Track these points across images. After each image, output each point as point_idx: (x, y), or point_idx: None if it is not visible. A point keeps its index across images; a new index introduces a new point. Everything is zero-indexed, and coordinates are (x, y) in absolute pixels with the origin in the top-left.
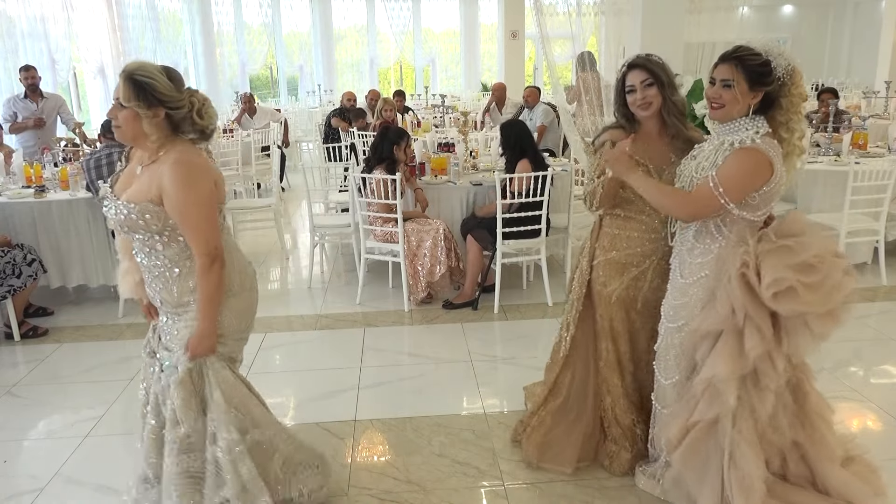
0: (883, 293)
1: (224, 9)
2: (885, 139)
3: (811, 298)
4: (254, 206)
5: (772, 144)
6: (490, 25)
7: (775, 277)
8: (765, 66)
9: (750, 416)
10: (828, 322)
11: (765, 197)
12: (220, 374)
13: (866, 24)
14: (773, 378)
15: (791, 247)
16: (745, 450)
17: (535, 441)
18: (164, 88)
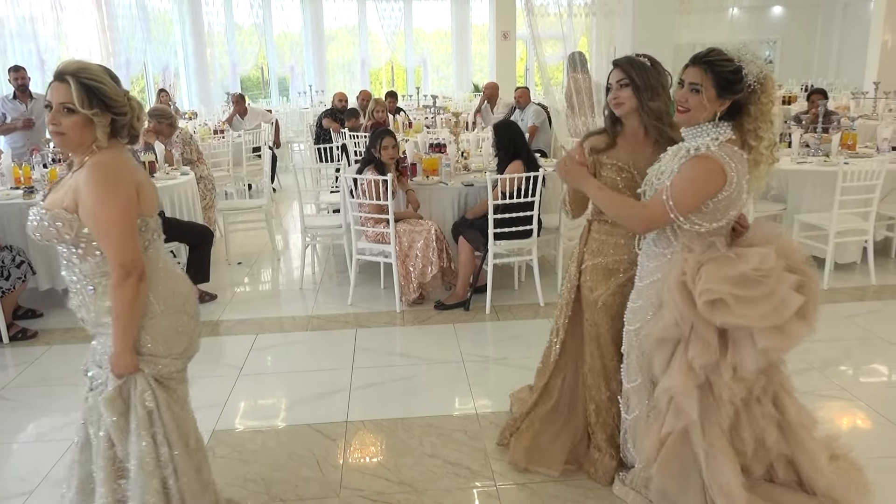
0: (872, 292)
1: (215, 9)
2: (873, 140)
3: (747, 312)
4: (245, 207)
5: (731, 152)
6: (481, 26)
7: (706, 287)
8: (735, 74)
9: (718, 425)
10: (774, 337)
11: (720, 205)
12: (142, 396)
13: (855, 25)
14: (724, 389)
15: (731, 258)
16: (718, 459)
17: (523, 445)
18: (113, 92)
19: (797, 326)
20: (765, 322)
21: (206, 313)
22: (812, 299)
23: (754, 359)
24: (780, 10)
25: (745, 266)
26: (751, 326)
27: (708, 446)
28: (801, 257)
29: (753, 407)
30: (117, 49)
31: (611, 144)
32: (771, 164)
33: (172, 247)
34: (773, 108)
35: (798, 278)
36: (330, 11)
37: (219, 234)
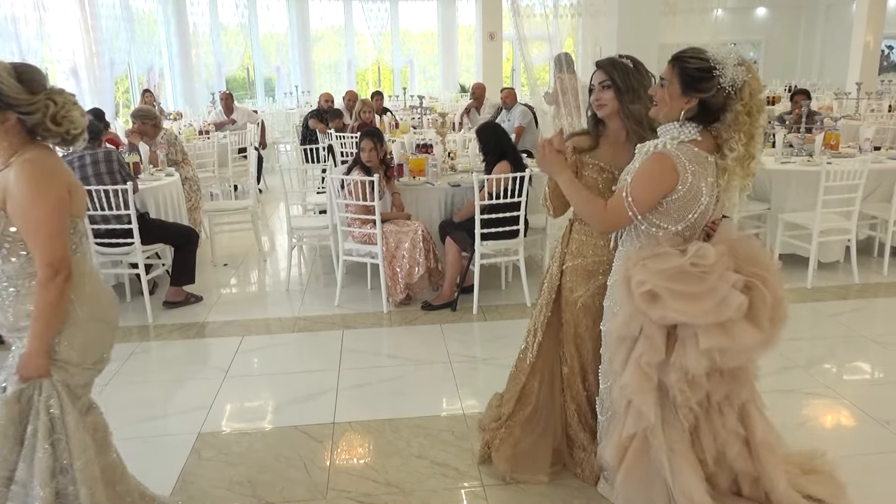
0: (855, 291)
1: (200, 9)
2: (856, 140)
3: (685, 308)
4: (230, 208)
5: (690, 153)
6: (468, 27)
7: (640, 279)
8: (703, 72)
9: (678, 429)
10: (717, 337)
11: (674, 206)
12: (47, 402)
13: (837, 26)
14: (676, 392)
15: (669, 252)
16: (680, 464)
17: (505, 454)
18: (12, 91)
19: (743, 329)
20: (705, 319)
21: (191, 315)
22: (763, 304)
23: (697, 359)
24: (763, 11)
25: (681, 260)
26: (691, 323)
27: (669, 451)
28: (760, 261)
29: (714, 416)
30: (101, 49)
31: (593, 145)
32: (743, 178)
33: (157, 248)
34: (752, 120)
35: (745, 280)
36: (316, 12)
37: (204, 236)
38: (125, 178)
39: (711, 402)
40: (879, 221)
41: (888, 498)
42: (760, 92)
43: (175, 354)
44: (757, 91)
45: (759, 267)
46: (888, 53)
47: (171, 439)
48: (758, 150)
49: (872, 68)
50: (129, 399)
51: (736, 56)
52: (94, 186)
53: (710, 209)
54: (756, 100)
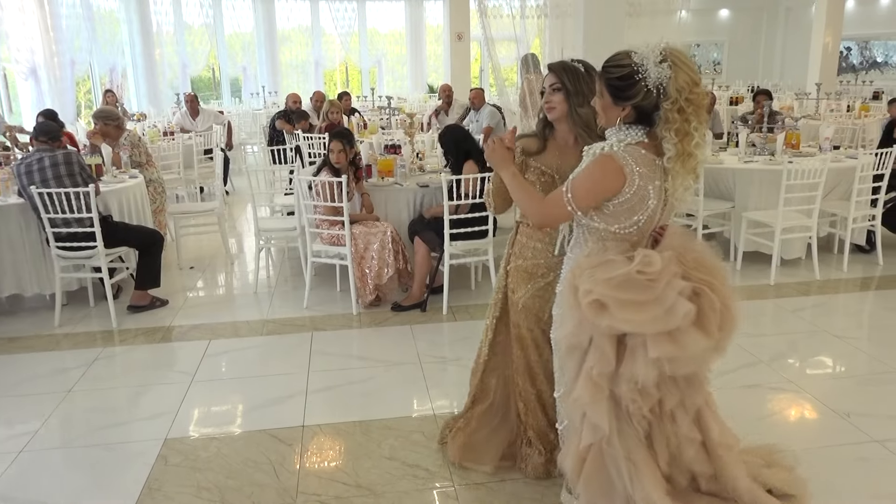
0: (816, 287)
1: (163, 8)
2: (816, 139)
3: (632, 317)
4: (196, 210)
5: (637, 155)
6: (436, 27)
7: (586, 288)
8: (625, 80)
9: (634, 436)
10: (665, 346)
11: (621, 208)
12: None
13: (798, 28)
14: (628, 401)
15: (616, 260)
16: (639, 472)
17: (459, 442)
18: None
19: (692, 337)
20: (653, 327)
21: (156, 319)
22: (712, 311)
23: (647, 369)
24: (726, 13)
25: (627, 268)
26: (639, 332)
27: (626, 459)
28: (709, 267)
29: (666, 423)
30: (61, 49)
31: (541, 148)
32: (686, 177)
33: (121, 251)
34: (683, 117)
35: (693, 286)
36: (282, 11)
37: (170, 239)
38: (86, 180)
39: (664, 409)
40: (839, 219)
41: (849, 488)
42: (695, 85)
43: (140, 359)
44: (686, 86)
45: (708, 273)
46: (846, 55)
47: (136, 446)
48: (697, 147)
49: (831, 69)
50: (93, 405)
51: (658, 53)
52: (54, 189)
53: (657, 213)
54: (687, 95)
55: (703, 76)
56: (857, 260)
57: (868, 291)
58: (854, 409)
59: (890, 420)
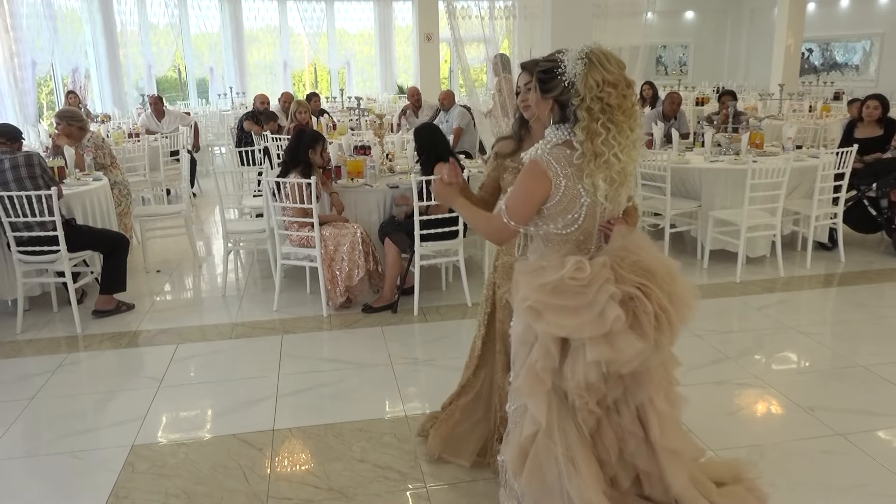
0: (781, 284)
1: (127, 8)
2: (779, 139)
3: (564, 322)
4: (163, 212)
5: (559, 155)
6: (405, 27)
7: (521, 294)
8: (548, 73)
9: (576, 433)
10: (602, 349)
11: (556, 209)
12: None
13: (761, 29)
14: (574, 396)
15: (547, 267)
16: (578, 467)
17: (442, 433)
18: None
19: (627, 341)
20: (586, 332)
21: (122, 324)
22: (646, 315)
23: (586, 370)
24: (691, 14)
25: (559, 274)
26: (575, 337)
27: (566, 455)
28: (646, 270)
29: (612, 416)
30: (22, 49)
31: (516, 149)
32: (606, 176)
33: (85, 255)
34: (591, 116)
35: (624, 291)
36: (249, 11)
37: (136, 242)
38: (48, 183)
39: (607, 402)
40: (802, 217)
41: (813, 480)
42: (609, 85)
43: (106, 365)
44: (596, 85)
45: (645, 276)
46: (808, 56)
47: (102, 453)
48: (606, 146)
49: (794, 70)
50: (58, 413)
51: (582, 50)
52: (15, 192)
53: (597, 210)
54: (597, 93)
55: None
56: (820, 257)
57: (831, 288)
58: (818, 404)
59: (852, 413)
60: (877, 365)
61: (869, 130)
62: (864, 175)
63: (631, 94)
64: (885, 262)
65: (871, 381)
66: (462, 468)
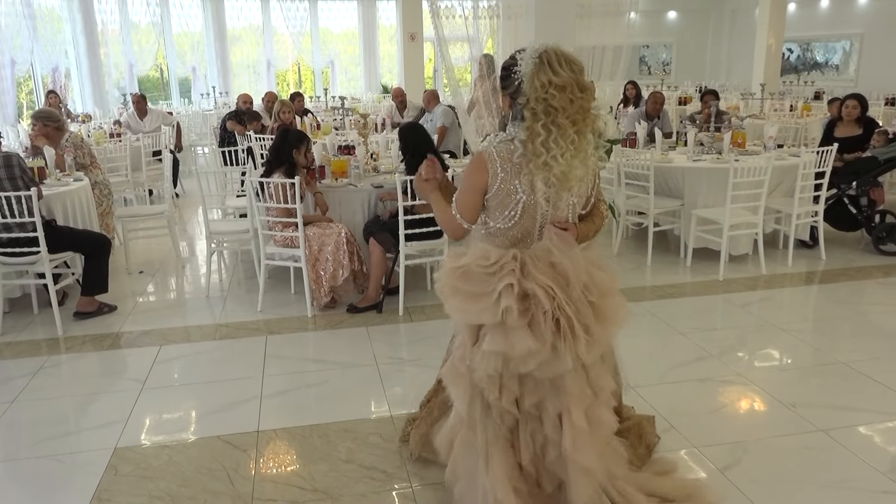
0: (763, 282)
1: (108, 6)
2: (761, 138)
3: (464, 306)
4: (145, 213)
5: (506, 150)
6: (389, 27)
7: (438, 275)
8: (506, 70)
9: (493, 430)
10: (498, 341)
11: (494, 203)
12: None
13: (743, 30)
14: (483, 387)
15: (460, 252)
16: (494, 464)
17: (420, 432)
18: None
19: (521, 337)
20: (482, 318)
21: (105, 326)
22: (543, 316)
23: (483, 360)
24: (674, 14)
25: (467, 259)
26: (475, 323)
27: (484, 451)
28: (558, 274)
29: (529, 421)
30: (0, 48)
31: None
32: (543, 178)
33: (66, 256)
34: (534, 117)
35: (526, 286)
36: (232, 11)
37: (118, 242)
38: (28, 184)
39: (523, 405)
40: (783, 215)
41: (795, 476)
42: (555, 87)
43: (88, 367)
44: (541, 87)
45: (554, 280)
46: (789, 56)
47: (85, 456)
48: (545, 147)
49: (775, 70)
50: (39, 416)
51: (536, 50)
52: None
53: (536, 210)
54: (542, 94)
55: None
56: (802, 255)
57: (812, 285)
58: (800, 400)
59: (833, 410)
60: (857, 361)
61: (848, 129)
62: (843, 174)
63: (581, 98)
64: (865, 260)
65: (852, 377)
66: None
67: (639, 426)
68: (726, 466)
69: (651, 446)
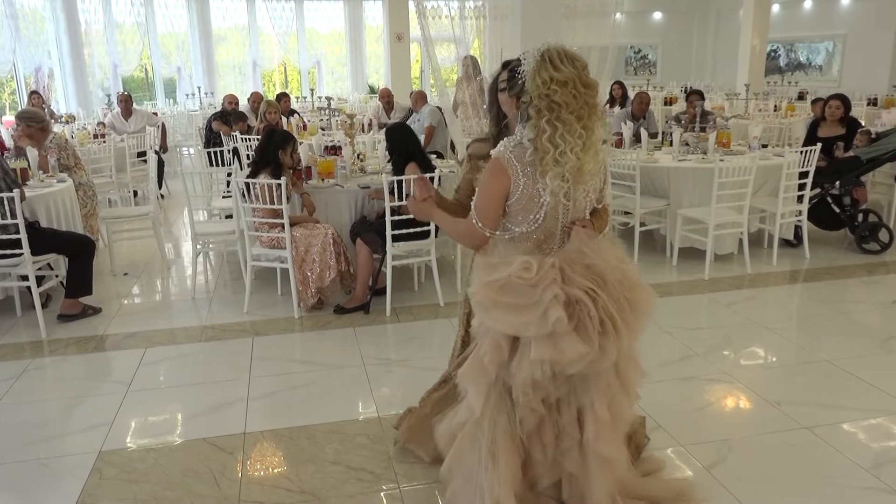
0: (748, 281)
1: (92, 6)
2: (745, 138)
3: (509, 319)
4: (130, 214)
5: (522, 154)
6: (376, 27)
7: (473, 289)
8: (512, 71)
9: (506, 428)
10: (546, 349)
11: (517, 208)
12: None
13: (727, 30)
14: (519, 393)
15: (497, 264)
16: (498, 464)
17: (410, 423)
18: None
19: (570, 343)
20: (531, 331)
21: (89, 328)
22: (590, 319)
23: (529, 368)
24: (659, 15)
25: (507, 272)
26: (520, 334)
27: (488, 449)
28: (596, 275)
29: (552, 414)
30: None
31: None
32: (557, 176)
33: (50, 258)
34: (538, 115)
35: (570, 293)
36: (217, 10)
37: (102, 244)
38: (10, 186)
39: (550, 399)
40: (768, 214)
41: (779, 473)
42: (557, 83)
43: (72, 370)
44: (543, 83)
45: (594, 280)
46: (773, 57)
47: (69, 459)
48: (551, 143)
49: (759, 70)
50: (23, 419)
51: (539, 49)
52: None
53: (558, 210)
54: (544, 91)
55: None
56: (786, 254)
57: (796, 284)
58: (784, 398)
59: (817, 407)
60: (841, 359)
61: (832, 129)
62: (827, 173)
63: (586, 93)
64: (849, 259)
65: (836, 374)
66: (436, 468)
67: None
68: (712, 464)
69: (640, 447)
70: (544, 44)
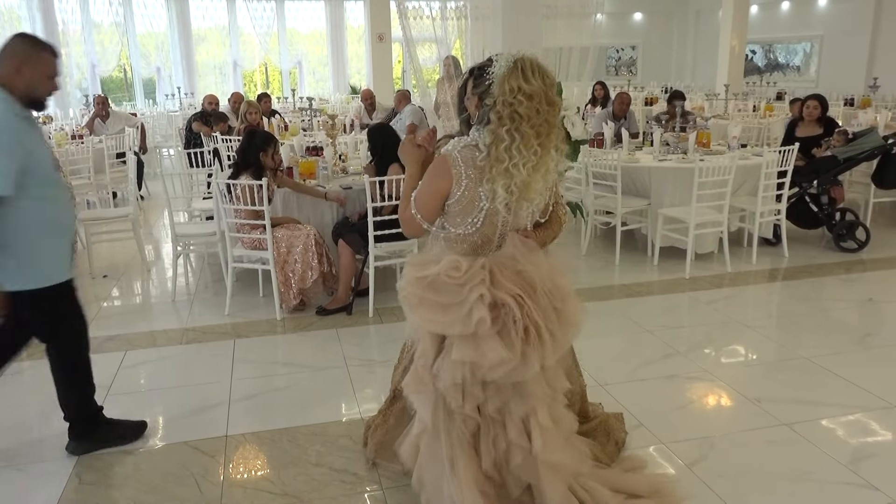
0: (728, 279)
1: (69, 6)
2: (725, 138)
3: (433, 316)
4: (109, 216)
5: (469, 156)
6: (357, 27)
7: (401, 285)
8: (481, 70)
9: (457, 436)
10: (467, 350)
11: (456, 208)
12: None
13: (707, 31)
14: (448, 396)
15: (426, 261)
16: (458, 471)
17: (376, 439)
18: None
19: (491, 346)
20: (454, 329)
21: None
22: (514, 324)
23: (452, 369)
24: (640, 16)
25: (435, 269)
26: (445, 333)
27: (448, 458)
28: (525, 281)
29: (494, 426)
30: None
31: None
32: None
33: None
34: (499, 121)
35: (496, 296)
36: (197, 10)
37: (81, 247)
38: None
39: (486, 411)
40: (748, 214)
41: (759, 470)
42: (523, 95)
43: (50, 374)
44: (509, 91)
45: (523, 287)
46: (752, 57)
47: (47, 465)
48: (507, 153)
49: (738, 71)
50: (0, 425)
51: (514, 54)
52: None
53: (497, 218)
54: (509, 99)
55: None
56: (765, 252)
57: (776, 282)
58: (764, 395)
59: (796, 404)
60: (819, 356)
61: (809, 129)
62: (805, 173)
63: (548, 111)
64: (827, 257)
65: (815, 371)
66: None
67: (606, 423)
68: (693, 462)
69: (620, 443)
70: (520, 51)
